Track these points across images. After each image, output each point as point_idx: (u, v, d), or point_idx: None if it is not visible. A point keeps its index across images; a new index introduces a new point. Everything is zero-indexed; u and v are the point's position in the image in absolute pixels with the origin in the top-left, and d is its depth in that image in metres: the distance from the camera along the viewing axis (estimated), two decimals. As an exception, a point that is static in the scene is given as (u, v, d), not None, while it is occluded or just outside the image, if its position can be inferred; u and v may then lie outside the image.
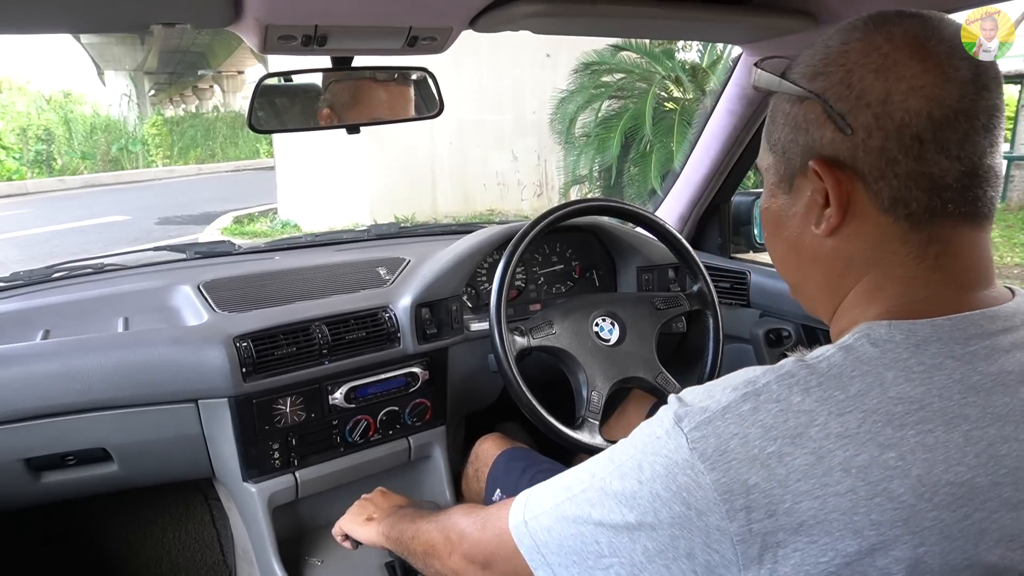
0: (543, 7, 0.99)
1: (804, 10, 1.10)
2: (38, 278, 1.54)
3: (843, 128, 0.57)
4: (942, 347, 0.55)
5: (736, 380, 0.57)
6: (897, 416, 0.52)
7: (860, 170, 0.57)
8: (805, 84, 0.60)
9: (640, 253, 1.67)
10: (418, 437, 1.48)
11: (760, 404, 0.54)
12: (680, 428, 0.56)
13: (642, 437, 0.60)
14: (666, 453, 0.56)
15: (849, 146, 0.57)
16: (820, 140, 0.59)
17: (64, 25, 0.99)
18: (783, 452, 0.52)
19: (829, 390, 0.54)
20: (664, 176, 5.77)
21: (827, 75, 0.58)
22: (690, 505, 0.54)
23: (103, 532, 1.71)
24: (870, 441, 0.51)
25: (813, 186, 0.60)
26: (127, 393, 1.22)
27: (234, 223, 8.82)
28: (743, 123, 1.48)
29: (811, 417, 0.53)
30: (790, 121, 0.62)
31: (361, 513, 1.13)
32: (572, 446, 1.29)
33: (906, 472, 0.51)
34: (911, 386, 0.53)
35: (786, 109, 0.63)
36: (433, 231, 2.02)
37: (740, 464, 0.53)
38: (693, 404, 0.57)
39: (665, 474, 0.55)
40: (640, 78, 6.38)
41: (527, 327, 1.35)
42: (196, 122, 19.48)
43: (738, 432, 0.54)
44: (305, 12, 0.96)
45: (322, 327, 1.34)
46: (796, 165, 0.62)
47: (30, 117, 15.47)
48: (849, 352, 0.56)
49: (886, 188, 0.57)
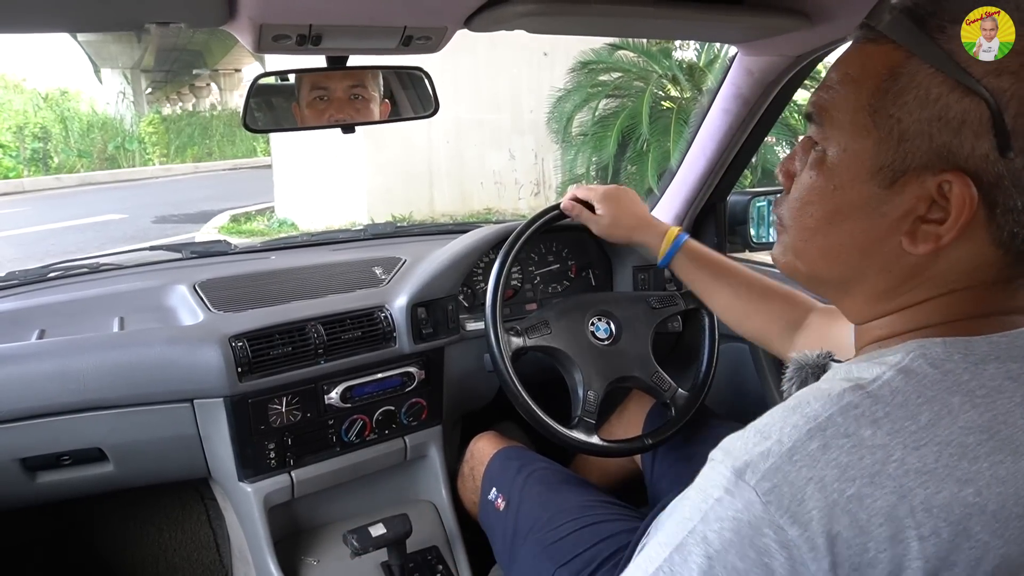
0: (538, 7, 0.99)
1: (798, 9, 1.10)
2: (33, 278, 1.54)
3: (1005, 150, 0.48)
4: (1000, 366, 0.51)
5: (792, 417, 0.50)
6: (970, 448, 0.48)
7: (994, 197, 0.50)
8: (981, 75, 0.48)
9: (636, 252, 1.67)
10: (414, 437, 1.48)
11: (829, 440, 0.48)
12: (745, 481, 0.48)
13: (697, 503, 0.51)
14: (734, 515, 0.48)
15: (998, 170, 0.49)
16: (971, 151, 0.49)
17: (58, 25, 0.99)
18: (863, 494, 0.46)
19: (899, 421, 0.48)
20: (661, 175, 5.78)
21: (1018, 78, 0.48)
22: (773, 571, 0.47)
23: (99, 532, 1.71)
24: (948, 477, 0.47)
25: (923, 193, 0.51)
26: (123, 393, 1.22)
27: (231, 221, 8.83)
28: (739, 122, 1.47)
29: (887, 452, 0.47)
30: (934, 108, 0.50)
31: None
32: (568, 445, 1.29)
33: (983, 509, 0.47)
34: (977, 413, 0.49)
35: (932, 90, 0.50)
36: (429, 231, 2.02)
37: (821, 513, 0.46)
38: (750, 451, 0.49)
39: (738, 541, 0.48)
40: (637, 77, 6.40)
41: (523, 327, 1.35)
42: (193, 120, 19.42)
43: (813, 476, 0.47)
44: (299, 11, 0.96)
45: (318, 327, 1.34)
46: (915, 162, 0.51)
47: (26, 115, 15.42)
48: (910, 376, 0.50)
49: (1010, 223, 0.50)
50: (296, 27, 0.99)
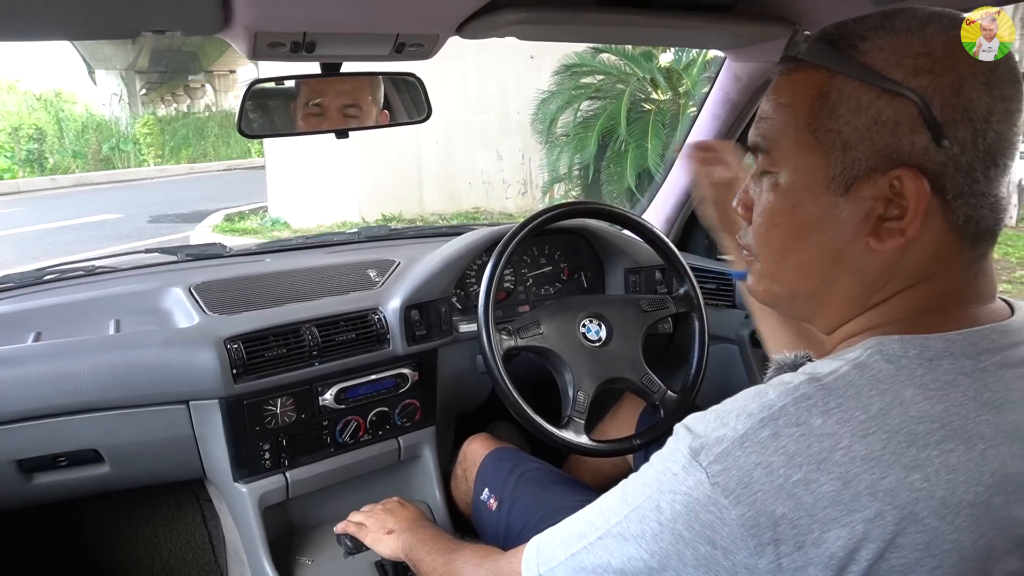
0: (528, 15, 1.00)
1: (785, 17, 1.12)
2: (29, 280, 1.54)
3: (940, 139, 0.52)
4: (954, 362, 0.53)
5: (749, 405, 0.54)
6: (920, 436, 0.50)
7: (943, 185, 0.53)
8: (902, 78, 0.53)
9: (627, 255, 1.68)
10: (408, 437, 1.49)
11: (780, 429, 0.51)
12: (698, 462, 0.52)
13: (656, 474, 0.56)
14: (685, 490, 0.53)
15: (941, 159, 0.53)
16: (911, 146, 0.53)
17: (53, 32, 1.00)
18: (809, 479, 0.49)
19: (849, 411, 0.51)
20: (640, 174, 5.86)
21: (935, 75, 0.52)
22: (715, 544, 0.51)
23: (95, 533, 1.72)
24: (895, 463, 0.49)
25: (879, 192, 0.55)
26: (118, 395, 1.23)
27: (225, 220, 8.86)
28: (728, 126, 1.50)
29: (834, 440, 0.50)
30: (868, 115, 0.54)
31: (381, 526, 1.13)
32: (558, 445, 1.30)
33: (931, 494, 0.49)
34: (930, 404, 0.51)
35: (862, 99, 0.54)
36: (423, 233, 2.03)
37: (766, 495, 0.50)
38: (707, 435, 0.54)
39: (687, 513, 0.52)
40: (618, 80, 6.47)
41: (515, 327, 1.36)
42: (188, 121, 19.41)
43: (760, 461, 0.51)
44: (293, 20, 0.97)
45: (312, 329, 1.35)
46: (863, 166, 0.55)
47: (21, 116, 15.40)
48: (864, 370, 0.53)
49: (963, 207, 0.54)
50: (290, 35, 1.00)
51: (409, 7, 0.99)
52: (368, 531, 1.14)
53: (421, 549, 1.00)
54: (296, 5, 0.92)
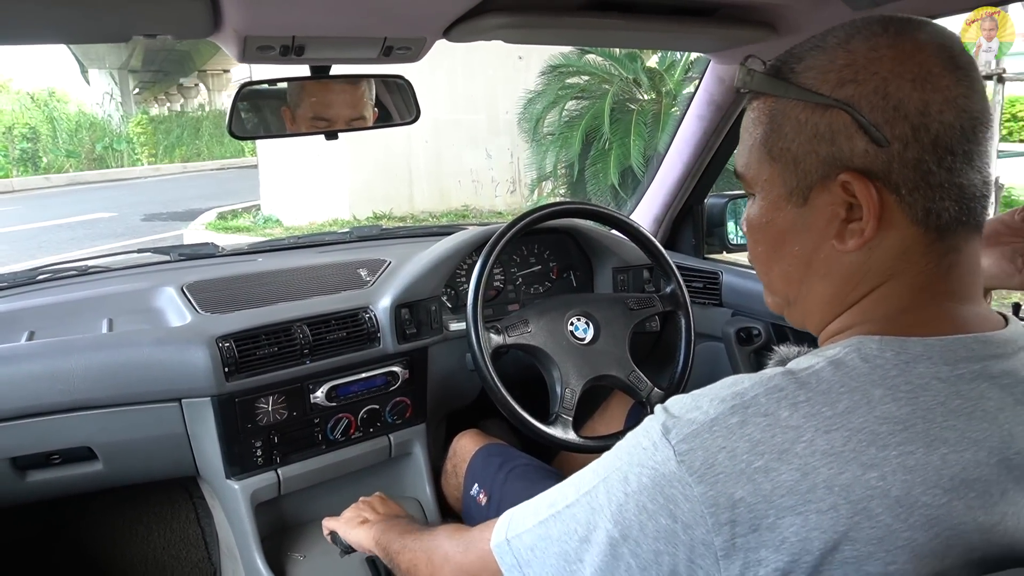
0: (514, 19, 1.02)
1: (766, 21, 1.14)
2: (22, 280, 1.55)
3: (878, 140, 0.55)
4: (931, 367, 0.55)
5: (724, 392, 0.56)
6: (881, 436, 0.52)
7: (894, 182, 0.56)
8: (830, 92, 0.57)
9: (616, 254, 1.70)
10: (398, 435, 1.50)
11: (748, 418, 0.54)
12: (668, 440, 0.55)
13: (628, 448, 0.59)
14: (653, 465, 0.55)
15: (884, 158, 0.55)
16: (850, 152, 0.56)
17: (45, 36, 1.01)
18: (769, 467, 0.52)
19: (817, 406, 0.53)
20: (623, 172, 5.90)
21: (858, 83, 0.56)
22: (676, 518, 0.53)
23: (89, 531, 1.73)
24: (854, 460, 0.51)
25: (835, 199, 0.58)
26: (112, 393, 1.24)
27: (218, 218, 8.87)
28: (713, 127, 1.52)
29: (798, 433, 0.52)
30: (807, 130, 0.58)
31: (356, 516, 1.14)
32: (545, 441, 1.32)
33: (886, 492, 0.51)
34: (897, 406, 0.53)
35: (800, 117, 0.59)
36: (414, 232, 2.04)
37: (727, 478, 0.52)
38: (680, 415, 0.56)
39: (652, 486, 0.55)
40: (603, 80, 6.52)
41: (503, 325, 1.38)
42: (181, 120, 19.33)
43: (726, 446, 0.53)
44: (283, 24, 0.99)
45: (303, 327, 1.36)
46: (814, 177, 0.59)
47: (15, 115, 15.34)
48: (839, 367, 0.55)
49: (920, 200, 0.56)
50: (280, 39, 1.02)
51: (396, 11, 1.01)
52: (342, 521, 1.16)
53: (393, 533, 1.00)
54: (285, 9, 0.94)
